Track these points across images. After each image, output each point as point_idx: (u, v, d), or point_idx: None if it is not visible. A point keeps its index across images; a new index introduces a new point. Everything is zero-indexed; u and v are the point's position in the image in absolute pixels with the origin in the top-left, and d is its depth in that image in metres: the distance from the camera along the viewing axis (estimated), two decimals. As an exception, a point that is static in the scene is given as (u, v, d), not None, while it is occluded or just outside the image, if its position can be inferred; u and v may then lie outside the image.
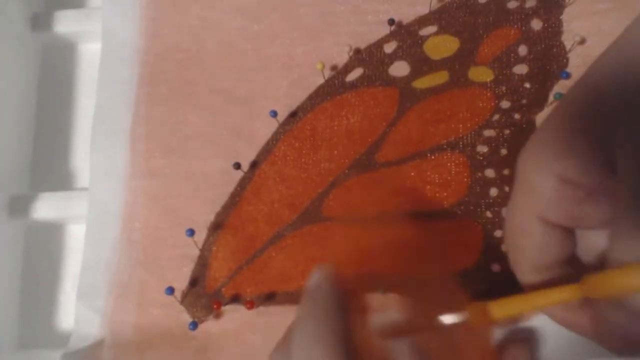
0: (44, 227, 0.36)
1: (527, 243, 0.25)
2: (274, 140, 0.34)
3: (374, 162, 0.33)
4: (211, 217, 0.33)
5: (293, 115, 0.34)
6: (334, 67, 0.35)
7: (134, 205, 0.33)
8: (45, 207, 0.35)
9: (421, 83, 0.34)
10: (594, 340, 0.25)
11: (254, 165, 0.34)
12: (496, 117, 0.33)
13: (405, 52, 0.35)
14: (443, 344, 0.25)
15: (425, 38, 0.35)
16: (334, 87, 0.35)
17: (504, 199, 0.32)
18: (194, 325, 0.30)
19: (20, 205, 0.35)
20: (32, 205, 0.35)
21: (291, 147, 0.34)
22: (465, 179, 0.32)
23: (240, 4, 0.37)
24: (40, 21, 0.38)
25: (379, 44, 0.35)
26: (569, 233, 0.25)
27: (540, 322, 0.29)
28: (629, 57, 0.24)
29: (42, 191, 0.35)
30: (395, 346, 0.25)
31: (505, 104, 0.33)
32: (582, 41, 0.34)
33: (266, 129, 0.34)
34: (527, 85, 0.33)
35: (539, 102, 0.33)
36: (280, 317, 0.31)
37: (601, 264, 0.25)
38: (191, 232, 0.31)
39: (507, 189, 0.32)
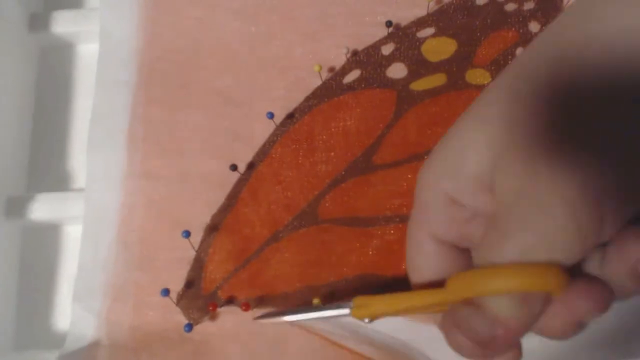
0: (41, 228, 0.36)
1: (421, 261, 0.25)
2: (271, 141, 0.34)
3: (371, 164, 0.33)
4: (208, 219, 0.33)
5: (290, 117, 0.34)
6: (331, 69, 0.35)
7: (131, 207, 0.33)
8: (42, 208, 0.35)
9: (418, 85, 0.34)
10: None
11: (250, 166, 0.34)
12: (493, 119, 0.33)
13: (402, 54, 0.35)
14: None
15: (422, 40, 0.35)
16: (331, 88, 0.35)
17: (500, 202, 0.32)
18: (190, 327, 0.30)
19: (17, 206, 0.35)
20: (29, 206, 0.35)
21: (288, 149, 0.34)
22: None
23: (238, 5, 0.37)
24: (38, 21, 0.38)
25: (377, 45, 0.35)
26: (462, 251, 0.24)
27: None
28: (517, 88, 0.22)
29: (39, 192, 0.35)
30: None
31: (502, 107, 0.33)
32: (580, 44, 0.34)
33: (263, 130, 0.34)
34: (525, 87, 0.33)
35: None
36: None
37: None
38: (187, 234, 0.31)
39: (504, 191, 0.32)
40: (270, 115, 0.34)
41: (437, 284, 0.23)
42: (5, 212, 0.35)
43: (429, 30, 0.35)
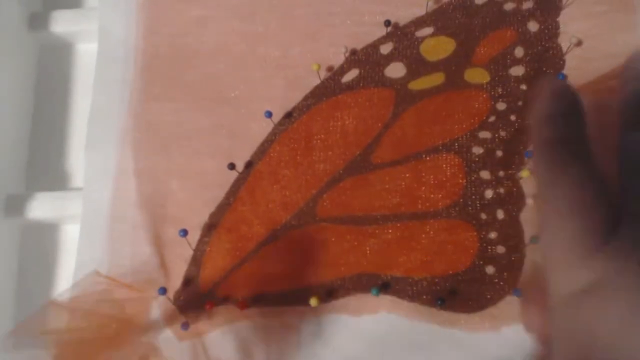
0: (40, 226, 0.36)
1: None
2: (269, 140, 0.34)
3: (369, 163, 0.33)
4: (205, 217, 0.33)
5: (288, 115, 0.34)
6: (329, 68, 0.35)
7: (129, 205, 0.33)
8: (41, 207, 0.35)
9: (417, 84, 0.34)
10: None
11: (248, 165, 0.34)
12: (492, 118, 0.33)
13: (401, 53, 0.35)
14: None
15: (421, 39, 0.35)
16: (329, 88, 0.35)
17: (499, 201, 0.31)
18: (186, 325, 0.30)
19: (15, 205, 0.35)
20: (28, 205, 0.35)
21: (286, 148, 0.34)
22: (461, 181, 0.32)
23: (237, 4, 0.37)
24: (37, 21, 0.38)
25: (375, 45, 0.35)
26: None
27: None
28: None
29: (38, 191, 0.35)
30: None
31: (501, 106, 0.33)
32: (579, 43, 0.34)
33: (261, 129, 0.34)
34: (524, 87, 0.33)
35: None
36: (274, 317, 0.31)
37: None
38: (184, 233, 0.31)
39: (501, 190, 0.32)
40: (269, 114, 0.34)
41: None
42: (4, 211, 0.35)
43: (428, 30, 0.35)
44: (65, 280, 0.35)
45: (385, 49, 0.35)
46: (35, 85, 0.39)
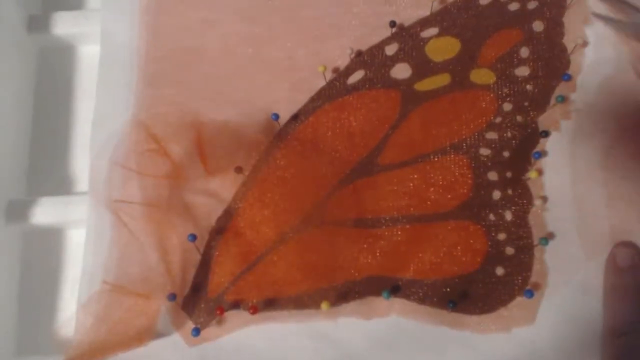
0: (43, 232, 0.35)
1: None
2: (276, 143, 0.34)
3: (377, 165, 0.33)
4: (213, 222, 0.32)
5: (295, 118, 0.34)
6: (335, 70, 0.35)
7: (135, 210, 0.33)
8: (44, 212, 0.34)
9: (423, 85, 0.34)
10: None
11: (255, 168, 0.33)
12: (498, 119, 0.33)
13: (406, 54, 0.35)
14: None
15: (426, 40, 0.35)
16: (335, 89, 0.35)
17: (506, 202, 0.32)
18: (197, 331, 0.30)
19: (17, 210, 0.34)
20: (30, 210, 0.34)
21: (293, 151, 0.33)
22: (469, 181, 0.32)
23: (241, 6, 0.36)
24: (37, 23, 0.38)
25: (381, 46, 0.35)
26: None
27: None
28: None
29: (40, 195, 0.35)
30: None
31: (507, 106, 0.33)
32: (584, 43, 0.34)
33: (268, 132, 0.34)
34: (529, 87, 0.33)
35: (541, 104, 0.33)
36: (284, 321, 0.31)
37: None
38: (193, 237, 0.31)
39: (509, 191, 0.32)
40: (276, 117, 0.34)
41: None
42: (6, 216, 0.34)
43: (433, 30, 0.35)
44: (70, 286, 0.34)
45: (391, 49, 0.35)
46: (36, 88, 0.38)
